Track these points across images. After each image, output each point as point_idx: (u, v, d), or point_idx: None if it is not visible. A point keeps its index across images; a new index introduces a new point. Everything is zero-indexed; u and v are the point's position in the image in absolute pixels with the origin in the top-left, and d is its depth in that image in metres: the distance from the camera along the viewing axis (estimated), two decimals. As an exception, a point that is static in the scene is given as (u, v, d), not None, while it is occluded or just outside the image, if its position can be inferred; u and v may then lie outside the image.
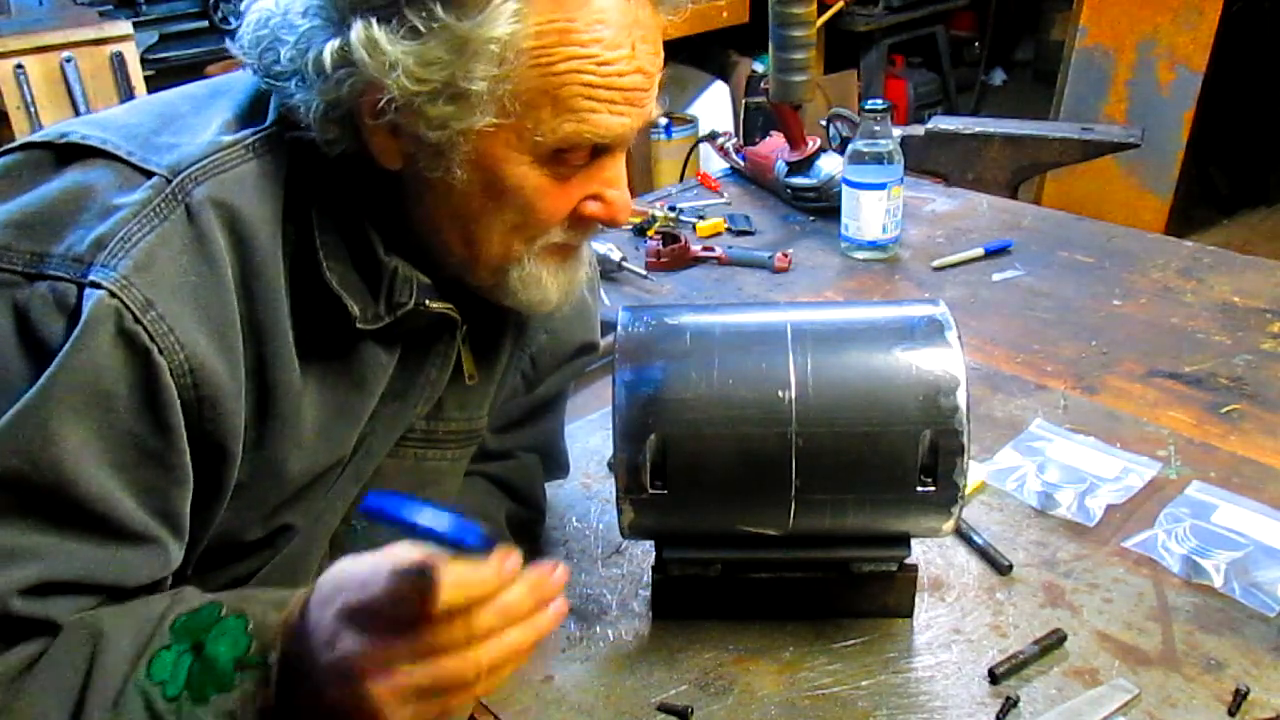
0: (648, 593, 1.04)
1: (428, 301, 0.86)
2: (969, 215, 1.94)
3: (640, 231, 1.90)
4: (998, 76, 5.78)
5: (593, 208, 0.85)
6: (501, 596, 0.69)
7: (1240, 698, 0.89)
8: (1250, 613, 1.00)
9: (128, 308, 0.71)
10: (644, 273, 1.74)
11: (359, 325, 0.83)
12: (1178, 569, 1.05)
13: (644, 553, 1.08)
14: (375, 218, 0.83)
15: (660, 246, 1.78)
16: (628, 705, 0.92)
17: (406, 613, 0.67)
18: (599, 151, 0.82)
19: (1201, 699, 0.90)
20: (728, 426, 0.86)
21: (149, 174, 0.76)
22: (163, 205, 0.75)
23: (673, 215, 1.94)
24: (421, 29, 0.72)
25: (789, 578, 0.99)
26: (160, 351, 0.72)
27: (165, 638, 0.73)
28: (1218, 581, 1.03)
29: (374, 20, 0.73)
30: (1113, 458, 1.22)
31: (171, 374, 0.73)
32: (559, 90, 0.76)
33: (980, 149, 2.31)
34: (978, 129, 2.33)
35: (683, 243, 1.79)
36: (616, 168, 0.84)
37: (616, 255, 1.74)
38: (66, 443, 0.70)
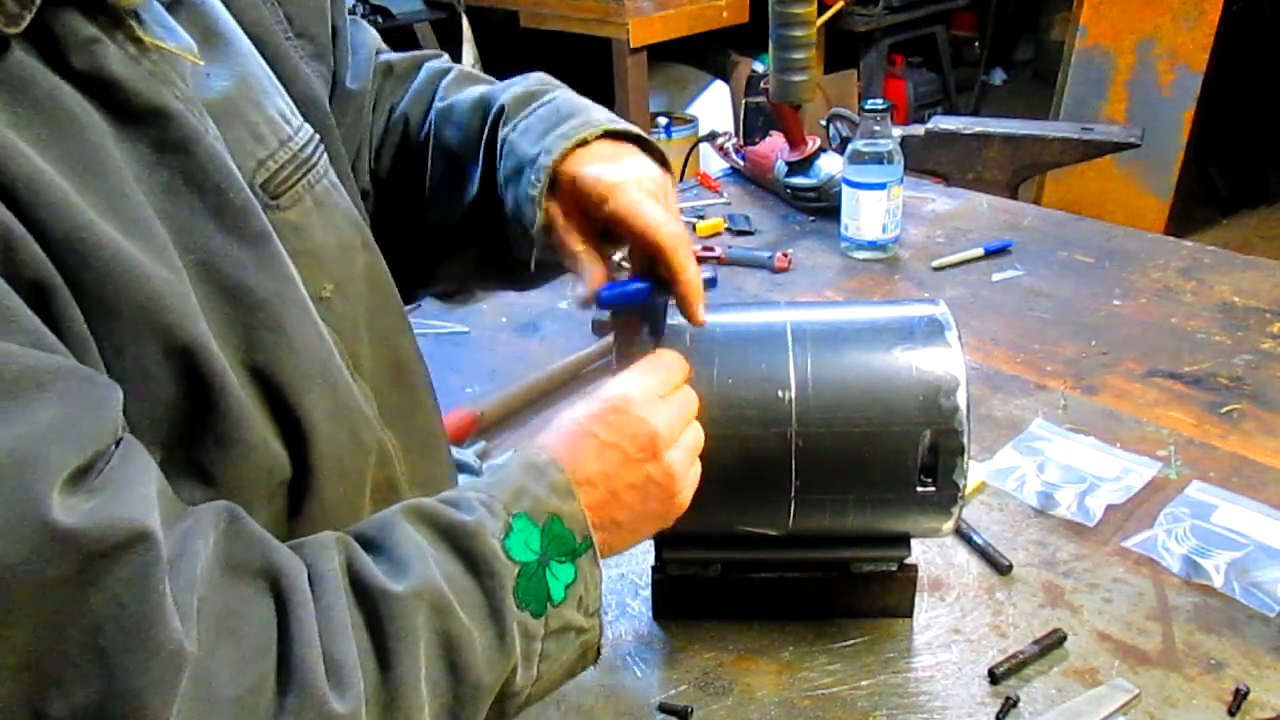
0: (648, 593, 1.04)
1: None
2: (969, 215, 1.94)
3: (640, 231, 1.90)
4: (998, 76, 5.79)
5: None
6: None
7: (1240, 698, 0.89)
8: (1250, 613, 1.00)
9: None
10: (644, 273, 1.74)
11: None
12: (1178, 569, 1.05)
13: (644, 553, 1.08)
14: None
15: (660, 246, 1.78)
16: (628, 705, 0.92)
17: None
18: None
19: (1201, 699, 0.90)
20: (728, 426, 0.86)
21: None
22: None
23: (673, 215, 1.94)
24: None
25: (789, 578, 0.99)
26: None
27: (511, 570, 0.68)
28: (1218, 581, 1.03)
29: None
30: (1113, 458, 1.22)
31: None
32: None
33: (980, 149, 2.31)
34: (978, 129, 2.33)
35: (683, 243, 1.79)
36: None
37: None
38: None
